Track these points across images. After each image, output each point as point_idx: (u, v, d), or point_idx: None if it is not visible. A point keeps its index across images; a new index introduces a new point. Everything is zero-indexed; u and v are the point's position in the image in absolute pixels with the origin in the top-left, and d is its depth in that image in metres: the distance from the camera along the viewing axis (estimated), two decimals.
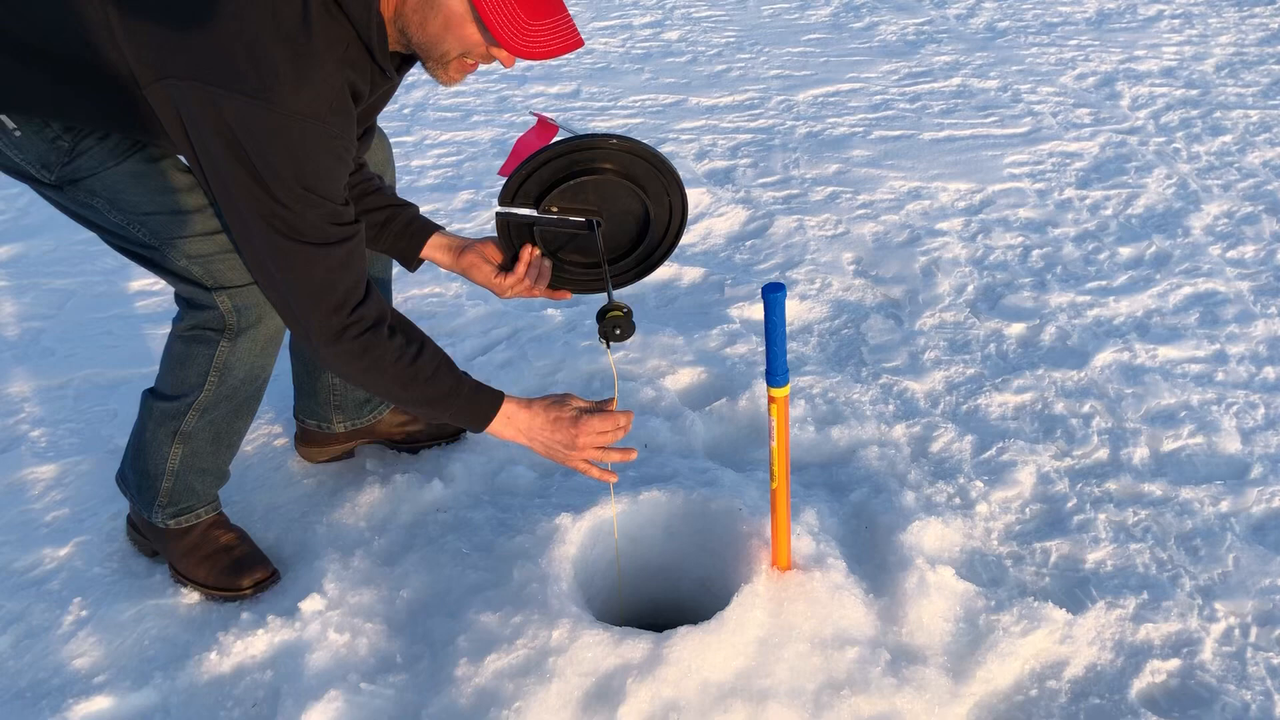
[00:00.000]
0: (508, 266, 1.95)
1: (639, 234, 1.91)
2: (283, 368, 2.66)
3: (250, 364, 1.93)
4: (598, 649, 1.76)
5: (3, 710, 1.82)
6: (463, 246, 1.98)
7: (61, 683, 1.87)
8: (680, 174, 1.98)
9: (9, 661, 1.91)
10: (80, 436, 2.44)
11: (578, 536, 1.97)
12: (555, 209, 1.85)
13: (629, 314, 1.87)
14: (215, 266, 1.82)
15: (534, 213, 1.85)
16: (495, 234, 1.95)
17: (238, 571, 2.03)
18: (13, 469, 2.36)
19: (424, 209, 3.37)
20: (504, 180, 1.86)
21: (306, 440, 2.33)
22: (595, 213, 1.87)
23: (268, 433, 2.43)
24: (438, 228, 2.01)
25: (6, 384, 2.62)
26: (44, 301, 2.96)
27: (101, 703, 1.83)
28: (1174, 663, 1.87)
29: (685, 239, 3.24)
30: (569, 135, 1.86)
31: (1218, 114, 3.93)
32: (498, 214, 1.88)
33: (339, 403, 2.27)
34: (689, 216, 2.60)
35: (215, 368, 1.90)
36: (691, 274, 3.03)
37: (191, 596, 2.03)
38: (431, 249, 2.00)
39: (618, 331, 1.86)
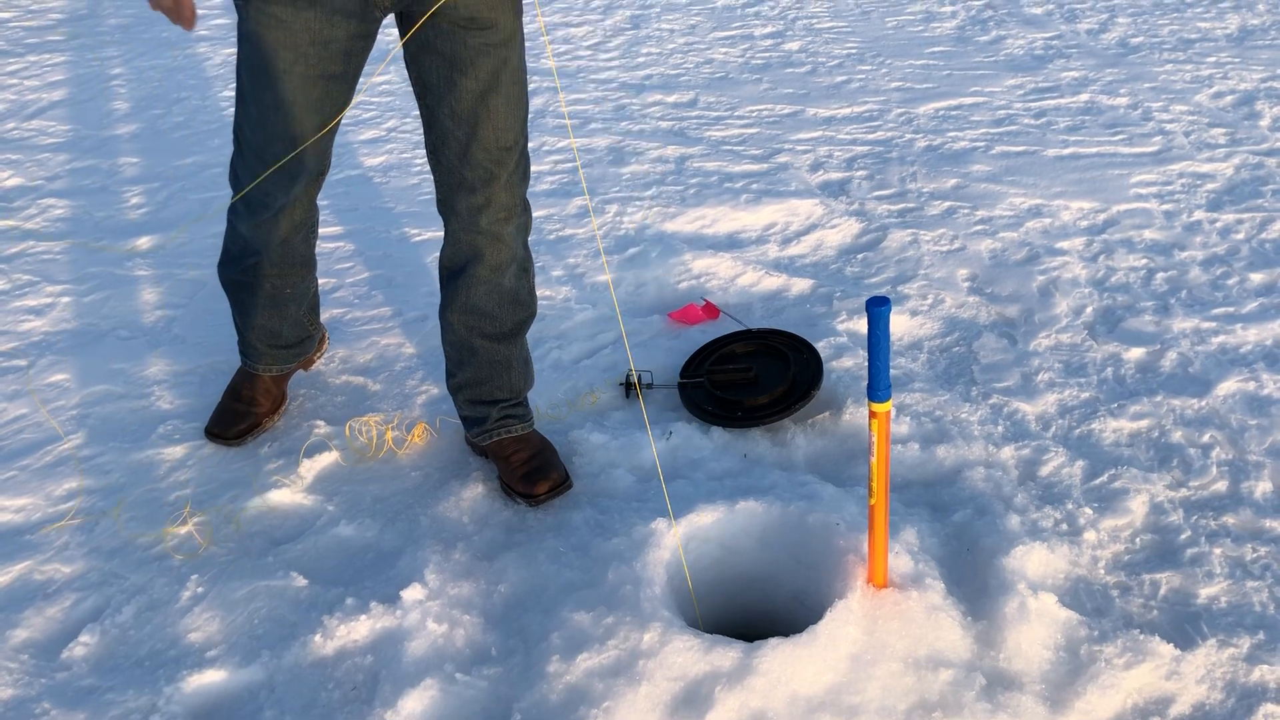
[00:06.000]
0: None
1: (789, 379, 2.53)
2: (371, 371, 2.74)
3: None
4: (688, 655, 1.78)
5: (124, 676, 1.92)
6: None
7: (177, 654, 1.96)
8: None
9: (131, 631, 2.02)
10: (203, 420, 2.55)
11: (673, 541, 1.99)
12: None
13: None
14: None
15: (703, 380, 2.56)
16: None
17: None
18: (142, 449, 2.48)
19: (537, 214, 3.43)
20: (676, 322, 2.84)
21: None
22: (748, 368, 2.55)
23: (378, 426, 2.51)
24: None
25: (140, 368, 2.76)
26: (177, 291, 3.11)
27: (213, 676, 1.92)
28: None
29: (796, 249, 3.24)
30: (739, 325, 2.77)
31: None
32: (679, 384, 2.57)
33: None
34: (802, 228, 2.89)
35: None
36: (800, 285, 3.02)
37: (300, 580, 2.11)
38: None
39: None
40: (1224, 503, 2.23)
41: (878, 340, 1.66)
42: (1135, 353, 2.70)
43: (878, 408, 1.72)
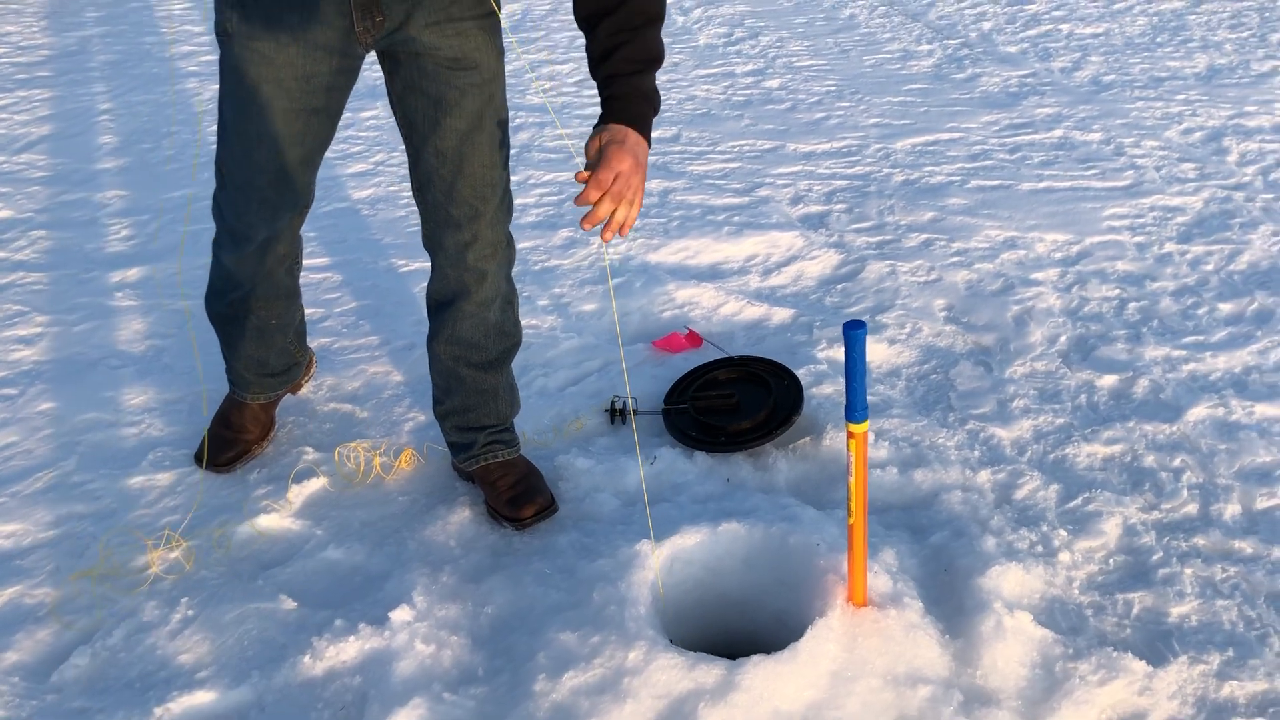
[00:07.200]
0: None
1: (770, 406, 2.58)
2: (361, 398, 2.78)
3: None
4: (672, 672, 1.81)
5: (114, 698, 1.94)
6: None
7: (168, 676, 1.98)
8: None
9: (121, 653, 2.04)
10: (193, 447, 2.58)
11: (657, 562, 2.02)
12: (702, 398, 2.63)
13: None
14: None
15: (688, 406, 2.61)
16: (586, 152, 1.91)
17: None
18: (132, 475, 2.51)
19: (524, 245, 3.49)
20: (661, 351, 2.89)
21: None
22: (730, 395, 2.61)
23: (366, 452, 2.54)
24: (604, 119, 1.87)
25: (130, 396, 2.79)
26: (166, 321, 3.14)
27: (203, 697, 1.94)
28: None
29: (777, 280, 3.30)
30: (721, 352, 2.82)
31: None
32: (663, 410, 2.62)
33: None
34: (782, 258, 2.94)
35: None
36: (781, 315, 3.08)
37: (289, 603, 2.13)
38: None
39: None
40: (1195, 525, 2.28)
41: (854, 363, 1.71)
42: (1108, 380, 2.76)
43: (855, 428, 1.77)
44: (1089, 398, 2.71)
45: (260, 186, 2.10)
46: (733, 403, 2.59)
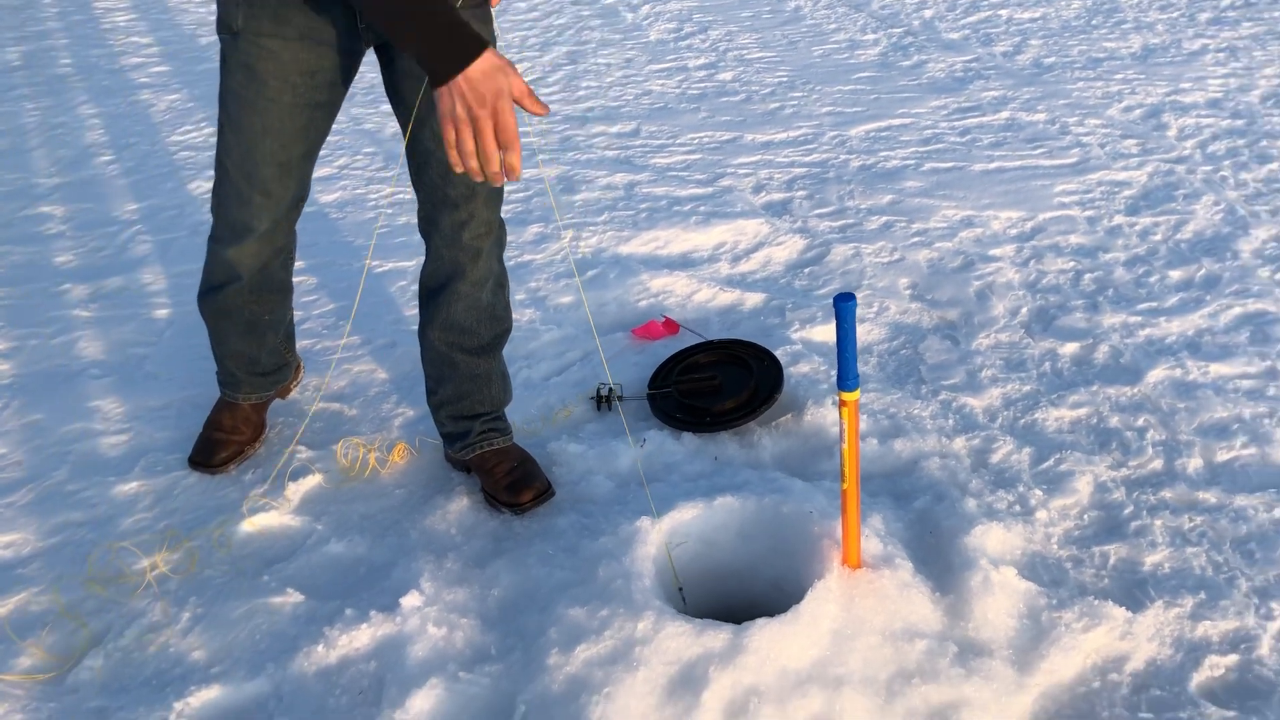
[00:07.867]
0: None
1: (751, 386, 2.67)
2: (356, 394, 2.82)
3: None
4: (681, 639, 1.88)
5: (132, 696, 1.97)
6: None
7: (183, 672, 2.02)
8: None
9: (134, 653, 2.07)
10: (183, 451, 2.61)
11: (658, 537, 2.10)
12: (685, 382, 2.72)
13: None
14: None
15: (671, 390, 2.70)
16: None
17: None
18: (126, 481, 2.53)
19: None
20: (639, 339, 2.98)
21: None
22: (713, 377, 2.70)
23: (362, 448, 2.58)
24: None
25: (117, 405, 2.81)
26: (145, 330, 3.15)
27: (220, 690, 1.98)
28: (1232, 658, 1.96)
29: (746, 266, 3.39)
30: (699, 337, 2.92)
31: (1264, 143, 4.01)
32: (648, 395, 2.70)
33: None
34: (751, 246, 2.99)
35: None
36: (753, 299, 3.17)
37: (297, 596, 2.17)
38: None
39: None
40: (1161, 479, 2.40)
41: (845, 334, 1.79)
42: (1070, 347, 2.88)
43: (847, 396, 1.85)
44: (1053, 365, 2.82)
45: (264, 179, 2.15)
46: (716, 384, 2.67)
